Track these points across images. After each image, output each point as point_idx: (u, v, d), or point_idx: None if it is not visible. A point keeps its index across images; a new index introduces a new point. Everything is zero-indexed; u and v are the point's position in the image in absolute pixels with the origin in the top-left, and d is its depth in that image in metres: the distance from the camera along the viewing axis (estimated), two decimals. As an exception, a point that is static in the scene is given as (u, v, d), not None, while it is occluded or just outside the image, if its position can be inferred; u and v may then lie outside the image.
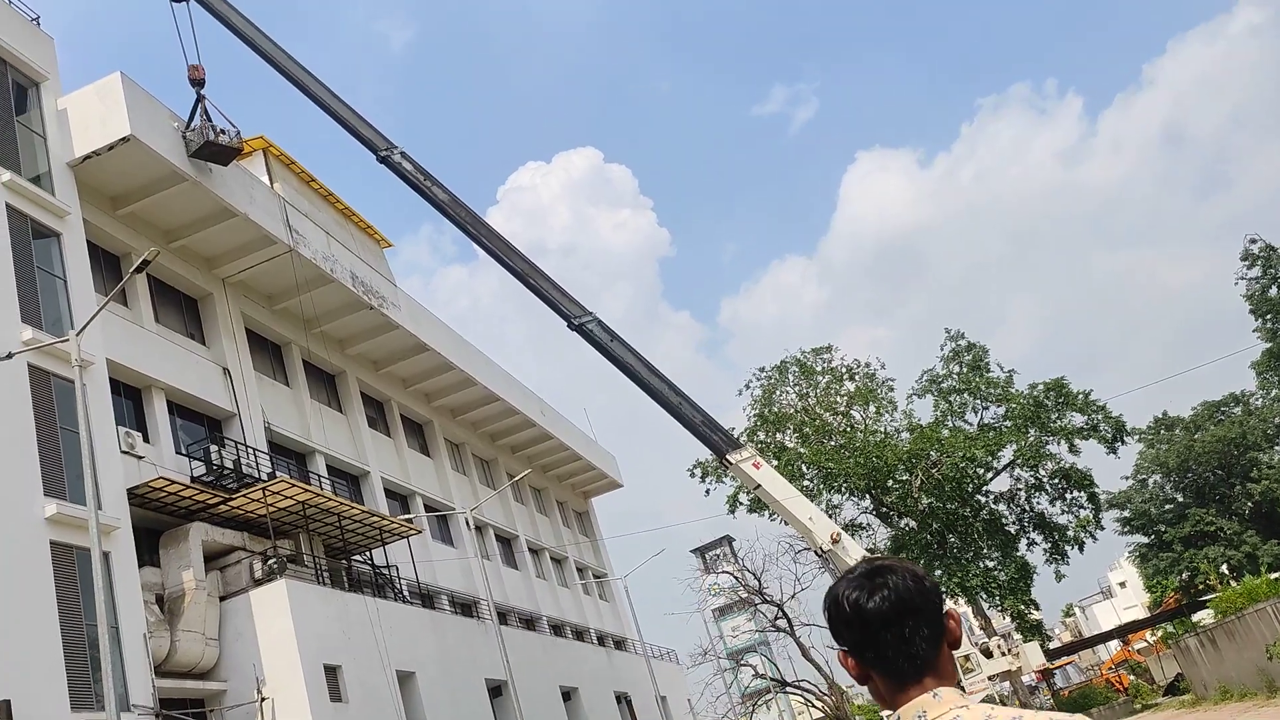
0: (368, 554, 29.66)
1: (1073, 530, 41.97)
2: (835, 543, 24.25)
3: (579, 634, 45.76)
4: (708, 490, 41.51)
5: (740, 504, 40.22)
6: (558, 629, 43.42)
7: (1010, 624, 43.10)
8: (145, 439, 23.65)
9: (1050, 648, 46.82)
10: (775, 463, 35.21)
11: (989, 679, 26.92)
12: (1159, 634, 45.75)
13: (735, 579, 41.87)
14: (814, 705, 40.14)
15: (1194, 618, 39.31)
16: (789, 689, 41.02)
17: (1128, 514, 63.31)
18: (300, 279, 29.40)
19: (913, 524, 40.90)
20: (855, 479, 39.11)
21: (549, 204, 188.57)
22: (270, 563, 23.54)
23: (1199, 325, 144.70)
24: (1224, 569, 53.95)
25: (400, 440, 36.70)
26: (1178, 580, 58.83)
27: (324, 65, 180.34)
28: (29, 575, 17.92)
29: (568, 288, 26.34)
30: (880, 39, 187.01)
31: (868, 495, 40.95)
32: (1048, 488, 42.31)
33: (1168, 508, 61.97)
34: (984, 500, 42.35)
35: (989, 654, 27.31)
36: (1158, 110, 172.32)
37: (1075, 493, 42.15)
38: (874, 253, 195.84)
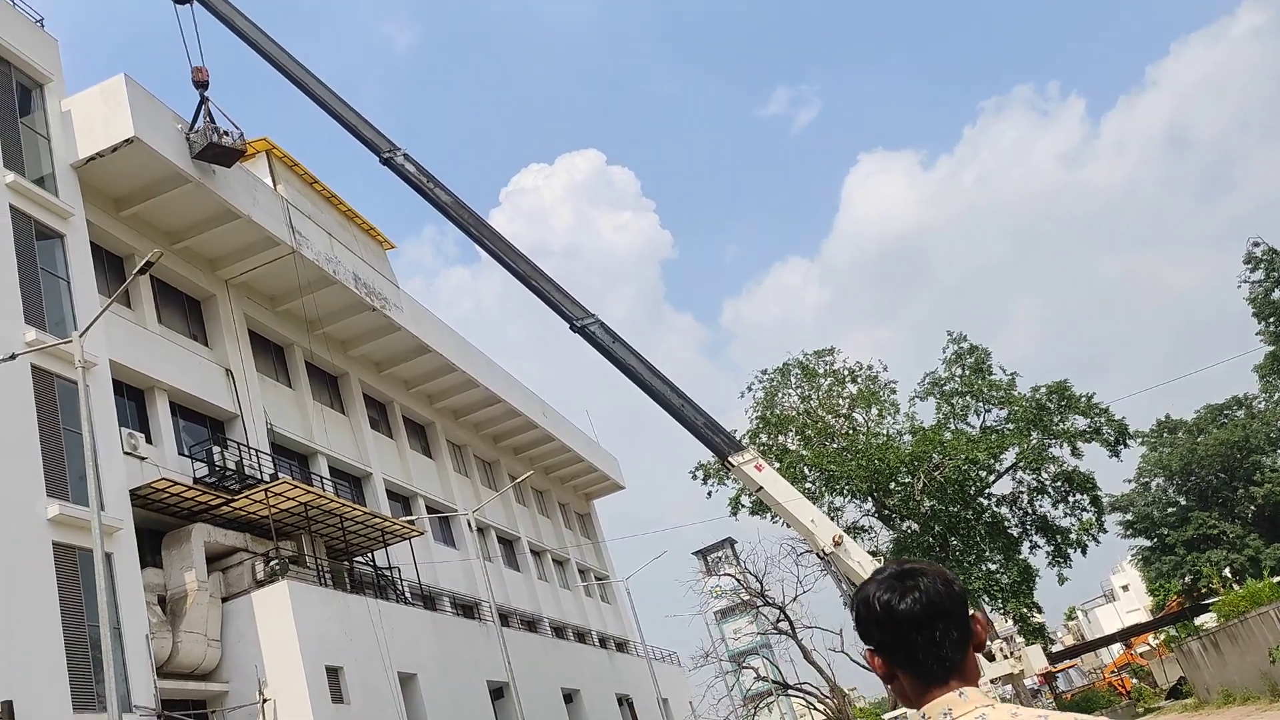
0: (370, 555, 29.68)
1: (1075, 533, 41.89)
2: (837, 545, 24.23)
3: (581, 636, 45.74)
4: (710, 492, 41.46)
5: (742, 506, 40.17)
6: (559, 631, 43.41)
7: (1013, 627, 43.07)
8: (148, 440, 23.68)
9: (1053, 651, 46.69)
10: (777, 465, 35.19)
11: (991, 682, 26.86)
12: (1161, 637, 45.67)
13: (737, 581, 41.86)
14: (816, 708, 40.10)
15: (1197, 621, 39.21)
16: (791, 692, 41.00)
17: (1130, 517, 63.29)
18: (303, 280, 29.43)
19: (915, 527, 40.83)
20: (857, 481, 39.06)
21: (551, 206, 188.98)
22: (272, 564, 23.56)
23: (1202, 328, 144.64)
24: (1227, 572, 53.91)
25: (402, 442, 36.73)
26: (1180, 584, 58.80)
27: (327, 67, 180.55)
28: (31, 576, 17.94)
29: (570, 290, 26.37)
30: (882, 41, 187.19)
31: (870, 498, 40.90)
32: (1050, 491, 42.23)
33: (1170, 511, 61.94)
34: (986, 503, 42.29)
35: (991, 657, 27.23)
36: (1160, 112, 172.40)
37: (1078, 496, 42.06)
38: (876, 255, 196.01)
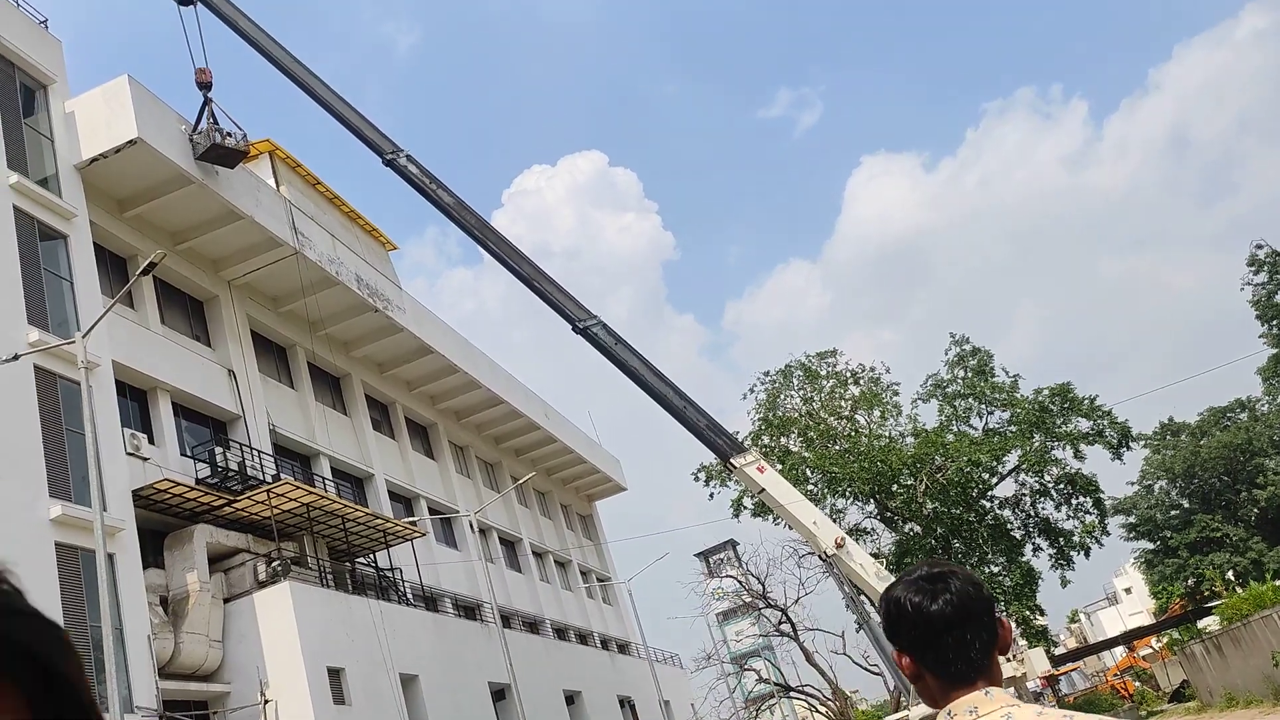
0: (371, 556, 29.68)
1: (1078, 536, 41.83)
2: (839, 547, 24.19)
3: (582, 637, 45.72)
4: (712, 494, 41.44)
5: (744, 508, 40.13)
6: (561, 632, 43.39)
7: (1015, 629, 43.00)
8: (150, 441, 23.70)
9: (1055, 654, 46.63)
10: (779, 467, 35.14)
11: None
12: (1164, 640, 45.62)
13: (739, 583, 41.85)
14: (818, 710, 40.05)
15: (1199, 624, 39.18)
16: (793, 694, 40.97)
17: (1133, 520, 63.20)
18: (305, 281, 29.45)
19: (917, 529, 40.78)
20: (860, 483, 39.02)
21: (553, 207, 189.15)
22: (274, 565, 23.58)
23: (1204, 330, 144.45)
24: (1230, 575, 53.85)
25: (404, 443, 36.73)
26: (1183, 586, 58.70)
27: (328, 67, 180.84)
28: (33, 576, 17.94)
29: (572, 291, 26.39)
30: (885, 43, 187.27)
31: (872, 500, 40.86)
32: (1053, 493, 42.17)
33: (1173, 514, 61.85)
34: (989, 505, 42.24)
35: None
36: (1163, 115, 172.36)
37: (1080, 498, 41.99)
38: (878, 256, 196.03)
